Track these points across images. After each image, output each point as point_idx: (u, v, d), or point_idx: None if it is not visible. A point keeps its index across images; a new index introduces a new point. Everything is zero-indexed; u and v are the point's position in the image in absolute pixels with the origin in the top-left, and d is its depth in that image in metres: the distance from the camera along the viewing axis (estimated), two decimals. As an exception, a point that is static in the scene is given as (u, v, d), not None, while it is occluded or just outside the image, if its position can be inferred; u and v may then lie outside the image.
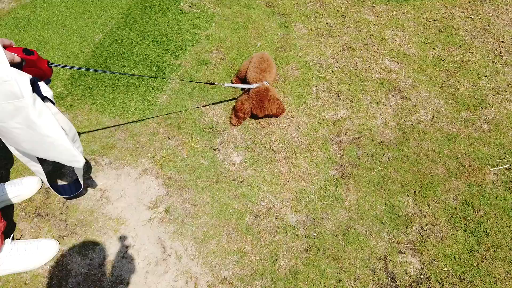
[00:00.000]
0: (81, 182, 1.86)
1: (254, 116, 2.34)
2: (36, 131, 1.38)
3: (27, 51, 1.35)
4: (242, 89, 2.47)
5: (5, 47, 1.30)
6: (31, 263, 1.77)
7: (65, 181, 2.09)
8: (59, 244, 1.85)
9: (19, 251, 1.76)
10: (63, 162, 1.54)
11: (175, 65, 2.71)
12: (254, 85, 2.26)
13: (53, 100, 1.48)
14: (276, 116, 2.35)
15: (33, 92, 1.30)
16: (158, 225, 1.94)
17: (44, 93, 1.41)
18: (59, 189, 1.90)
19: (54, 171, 2.12)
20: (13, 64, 1.27)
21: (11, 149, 1.60)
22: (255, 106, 2.21)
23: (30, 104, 1.29)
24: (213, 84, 2.22)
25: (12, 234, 1.84)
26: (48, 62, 1.47)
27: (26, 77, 1.28)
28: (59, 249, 1.84)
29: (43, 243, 1.81)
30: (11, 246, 1.75)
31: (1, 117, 1.32)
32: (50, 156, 1.51)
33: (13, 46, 1.35)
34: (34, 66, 1.40)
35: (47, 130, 1.39)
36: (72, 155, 1.51)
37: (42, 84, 1.44)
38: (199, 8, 3.16)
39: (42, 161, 1.72)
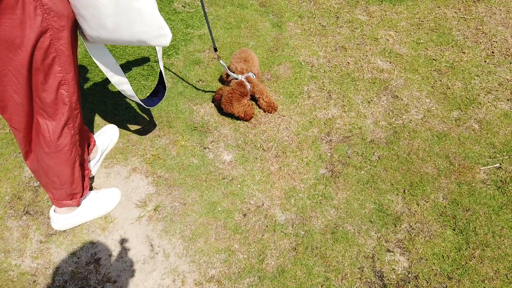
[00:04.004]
0: (165, 81, 1.90)
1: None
2: None
3: None
4: (225, 79, 2.49)
5: None
6: (105, 208, 1.95)
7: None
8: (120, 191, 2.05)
9: (93, 199, 1.92)
10: (149, 41, 1.44)
11: (167, 64, 2.71)
12: (240, 76, 2.29)
13: None
14: (243, 119, 2.37)
15: None
16: (147, 224, 1.94)
17: None
18: (146, 101, 1.90)
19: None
20: None
21: (94, 55, 1.55)
22: (224, 100, 2.25)
23: None
24: (216, 50, 2.16)
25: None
26: None
27: None
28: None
29: (108, 191, 1.99)
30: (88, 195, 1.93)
31: None
32: (136, 32, 1.39)
33: None
34: None
35: None
36: (160, 27, 1.40)
37: None
38: (192, 8, 3.17)
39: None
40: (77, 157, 1.70)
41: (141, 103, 1.83)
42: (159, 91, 1.97)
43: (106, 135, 2.18)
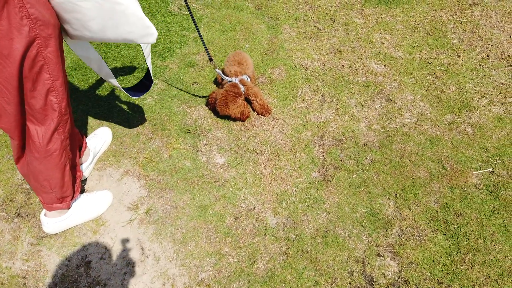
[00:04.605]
0: (151, 73, 1.89)
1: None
2: None
3: None
4: (220, 82, 2.50)
5: None
6: (96, 211, 1.95)
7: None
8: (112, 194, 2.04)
9: (84, 201, 1.92)
10: (135, 40, 1.45)
11: (162, 67, 2.72)
12: (233, 79, 2.31)
13: None
14: (240, 120, 2.38)
15: None
16: (138, 227, 1.94)
17: None
18: (132, 92, 1.89)
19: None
20: None
21: (80, 54, 1.57)
22: (219, 103, 2.26)
23: None
24: (211, 60, 2.18)
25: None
26: None
27: None
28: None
29: (100, 194, 1.99)
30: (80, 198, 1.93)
31: None
32: (122, 33, 1.40)
33: None
34: None
35: None
36: (145, 26, 1.41)
37: None
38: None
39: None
40: (68, 161, 1.71)
41: (126, 93, 1.85)
42: (146, 82, 1.97)
43: (99, 138, 2.19)
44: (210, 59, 2.16)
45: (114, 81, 1.78)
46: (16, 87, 1.34)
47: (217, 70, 2.21)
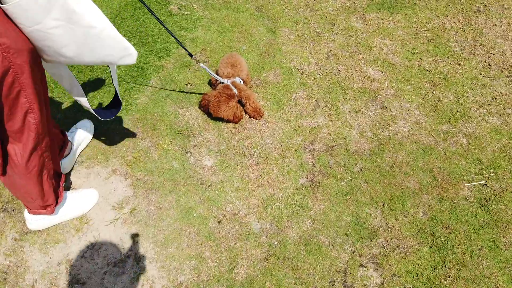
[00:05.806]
0: (119, 96, 1.86)
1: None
2: (78, 24, 1.21)
3: None
4: (214, 83, 2.48)
5: None
6: (81, 209, 1.95)
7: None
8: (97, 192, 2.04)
9: (70, 199, 1.92)
10: (114, 62, 1.40)
11: (158, 66, 2.72)
12: (226, 80, 2.29)
13: None
14: (233, 122, 2.38)
15: None
16: (121, 226, 1.94)
17: None
18: (102, 114, 1.85)
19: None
20: None
21: (52, 72, 1.52)
22: (212, 105, 2.24)
23: None
24: (191, 56, 2.15)
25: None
26: None
27: None
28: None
29: (86, 192, 1.99)
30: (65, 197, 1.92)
31: (35, 16, 1.17)
32: (99, 57, 1.35)
33: None
34: None
35: (90, 18, 1.22)
36: (123, 48, 1.35)
37: None
38: (188, 10, 3.17)
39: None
40: (47, 172, 1.69)
41: (96, 115, 1.79)
42: (115, 105, 1.94)
43: (79, 130, 2.18)
44: (190, 55, 2.13)
45: (84, 101, 1.71)
46: None
47: (201, 65, 2.18)
